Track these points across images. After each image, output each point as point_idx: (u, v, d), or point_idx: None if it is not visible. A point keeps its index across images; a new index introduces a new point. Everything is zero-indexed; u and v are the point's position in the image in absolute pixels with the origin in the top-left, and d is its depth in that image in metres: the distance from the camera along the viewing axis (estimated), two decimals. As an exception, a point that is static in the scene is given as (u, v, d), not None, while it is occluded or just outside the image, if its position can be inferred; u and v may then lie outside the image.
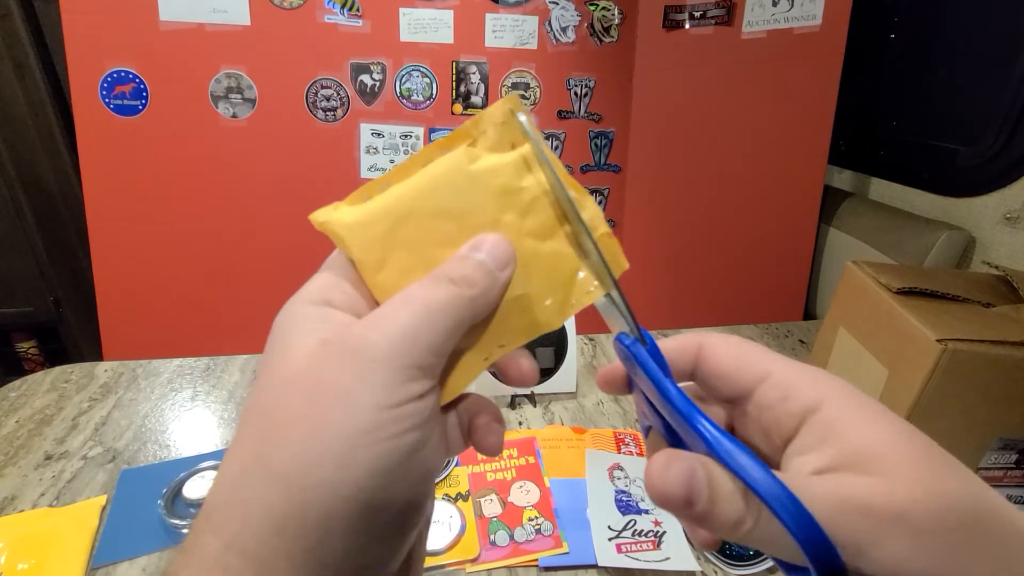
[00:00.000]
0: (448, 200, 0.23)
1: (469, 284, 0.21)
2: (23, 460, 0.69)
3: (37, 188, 1.54)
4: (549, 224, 0.23)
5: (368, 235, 0.23)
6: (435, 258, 0.22)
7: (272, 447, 0.19)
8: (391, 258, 0.23)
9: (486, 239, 0.22)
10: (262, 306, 1.46)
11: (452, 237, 0.23)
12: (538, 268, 0.23)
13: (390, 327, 0.20)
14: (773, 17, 1.21)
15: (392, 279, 0.23)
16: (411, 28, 1.26)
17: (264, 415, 0.20)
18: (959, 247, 0.99)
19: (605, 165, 1.38)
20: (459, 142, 0.24)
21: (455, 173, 0.23)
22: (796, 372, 0.22)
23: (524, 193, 0.23)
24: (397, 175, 0.24)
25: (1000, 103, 0.92)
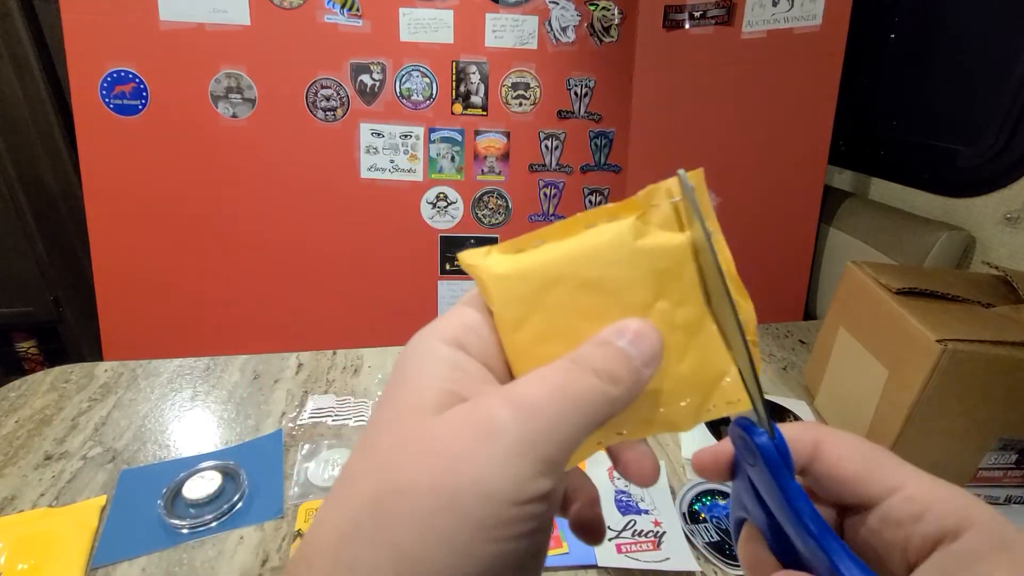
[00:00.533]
0: (603, 272, 0.21)
1: (613, 381, 0.19)
2: (23, 460, 0.69)
3: (37, 188, 1.54)
4: (701, 319, 0.22)
5: (513, 291, 0.21)
6: (576, 331, 0.21)
7: (392, 515, 0.17)
8: (531, 320, 0.21)
9: (635, 328, 0.20)
10: (262, 306, 1.47)
11: (599, 312, 0.21)
12: (681, 364, 0.21)
13: (530, 416, 0.18)
14: (773, 17, 1.21)
15: (527, 342, 0.21)
16: (411, 28, 1.26)
17: (387, 470, 0.18)
18: (959, 247, 0.99)
19: (605, 165, 1.38)
20: (628, 212, 0.22)
21: (618, 246, 0.21)
22: (934, 489, 0.20)
23: (684, 282, 0.21)
24: (555, 233, 0.22)
25: (1000, 103, 0.92)
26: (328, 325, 1.36)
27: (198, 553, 0.58)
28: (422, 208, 1.36)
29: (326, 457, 0.69)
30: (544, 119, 1.34)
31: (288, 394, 0.82)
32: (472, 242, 1.38)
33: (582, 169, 1.38)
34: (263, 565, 0.56)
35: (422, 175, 1.34)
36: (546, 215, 1.39)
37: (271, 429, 0.75)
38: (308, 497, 0.64)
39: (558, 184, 1.38)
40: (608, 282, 0.21)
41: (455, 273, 1.39)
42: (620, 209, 0.22)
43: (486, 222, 1.38)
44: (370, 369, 0.89)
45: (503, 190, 1.37)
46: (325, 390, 0.83)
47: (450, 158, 1.34)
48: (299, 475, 0.67)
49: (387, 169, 1.33)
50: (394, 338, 1.14)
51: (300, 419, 0.76)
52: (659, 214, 0.22)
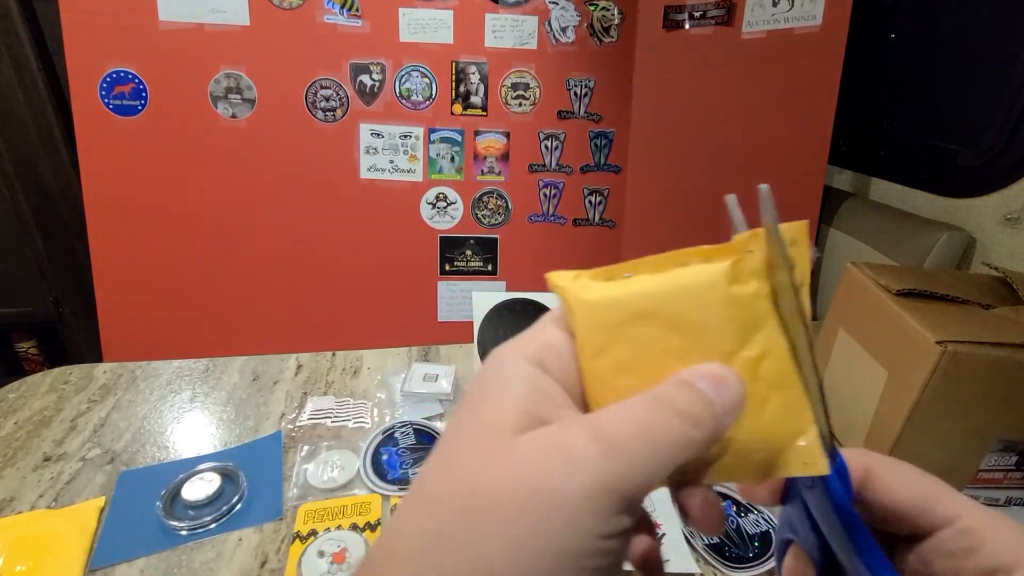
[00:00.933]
0: (692, 313, 0.21)
1: (695, 424, 0.19)
2: (21, 461, 0.69)
3: (37, 188, 1.54)
4: (785, 375, 0.21)
5: (599, 319, 0.22)
6: (656, 367, 0.21)
7: (481, 530, 0.18)
8: (612, 350, 0.21)
9: (718, 373, 0.20)
10: (261, 307, 1.47)
11: (682, 352, 0.21)
12: (758, 418, 0.21)
13: (615, 454, 0.18)
14: (773, 17, 1.20)
15: (606, 370, 0.22)
16: (411, 28, 1.26)
17: (473, 485, 0.19)
18: (959, 248, 0.99)
19: (605, 165, 1.38)
20: (723, 256, 0.22)
21: (710, 288, 0.21)
22: (990, 522, 0.20)
23: (769, 333, 0.21)
24: (646, 267, 0.22)
25: (1000, 104, 0.92)
26: (327, 326, 1.36)
27: (197, 555, 0.58)
28: (422, 208, 1.36)
29: (325, 458, 0.69)
30: (544, 119, 1.34)
31: (287, 395, 0.82)
32: (472, 242, 1.38)
33: (582, 169, 1.38)
34: (262, 567, 0.56)
35: (422, 175, 1.34)
36: (546, 215, 1.39)
37: (270, 430, 0.75)
38: (307, 499, 0.64)
39: (558, 184, 1.38)
40: (695, 323, 0.21)
41: (455, 274, 1.39)
42: (715, 252, 0.22)
43: (486, 222, 1.38)
44: (369, 370, 0.89)
45: (503, 190, 1.37)
46: (324, 391, 0.83)
47: (450, 158, 1.34)
48: (298, 476, 0.67)
49: (387, 169, 1.33)
50: (394, 339, 1.14)
51: (299, 420, 0.76)
52: (753, 261, 0.22)
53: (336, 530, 0.60)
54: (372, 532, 0.60)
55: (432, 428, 0.75)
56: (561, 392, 0.21)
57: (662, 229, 1.38)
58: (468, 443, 0.20)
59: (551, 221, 1.40)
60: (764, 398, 0.21)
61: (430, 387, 0.82)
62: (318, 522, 0.61)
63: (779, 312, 0.21)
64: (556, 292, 0.23)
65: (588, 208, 1.40)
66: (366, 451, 0.70)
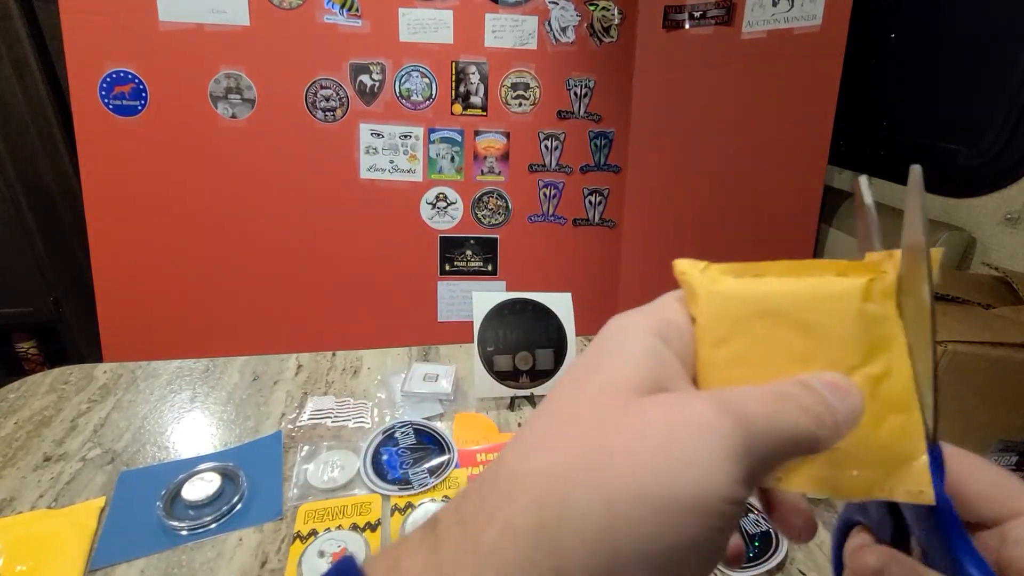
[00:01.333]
0: (821, 321, 0.21)
1: (819, 424, 0.20)
2: (22, 461, 0.69)
3: (37, 188, 1.54)
4: (905, 399, 0.21)
5: (723, 309, 0.22)
6: (772, 366, 0.21)
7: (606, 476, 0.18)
8: (733, 341, 0.22)
9: (840, 383, 0.20)
10: (262, 307, 1.47)
11: (803, 357, 0.21)
12: (869, 436, 0.21)
13: (745, 428, 0.19)
14: (773, 17, 1.20)
15: (722, 360, 0.22)
16: (410, 28, 1.26)
17: (600, 436, 0.19)
18: (959, 247, 0.99)
19: (605, 165, 1.38)
20: (859, 273, 0.22)
21: (844, 301, 0.21)
22: None
23: (894, 355, 0.21)
24: (778, 271, 0.23)
25: (1000, 104, 0.92)
26: (327, 326, 1.36)
27: (197, 555, 0.58)
28: (422, 208, 1.36)
29: (325, 458, 0.69)
30: (544, 119, 1.34)
31: (287, 395, 0.82)
32: (472, 242, 1.38)
33: (582, 169, 1.38)
34: (262, 567, 0.56)
35: (422, 175, 1.34)
36: (546, 215, 1.39)
37: (270, 430, 0.75)
38: (307, 499, 0.64)
39: (558, 184, 1.38)
40: (823, 332, 0.21)
41: (455, 273, 1.39)
42: (850, 268, 0.22)
43: (486, 222, 1.38)
44: (369, 370, 0.89)
45: (503, 190, 1.37)
46: (324, 391, 0.83)
47: (450, 158, 1.34)
48: (298, 476, 0.67)
49: (387, 169, 1.33)
50: (394, 339, 1.14)
51: (299, 420, 0.76)
52: (888, 282, 0.22)
53: (336, 530, 0.60)
54: (372, 532, 0.60)
55: (432, 428, 0.75)
56: (680, 367, 0.22)
57: (662, 229, 1.38)
58: (591, 399, 0.20)
59: (551, 221, 1.40)
60: (880, 417, 0.21)
61: (430, 387, 0.82)
62: (318, 522, 0.61)
63: (907, 335, 0.21)
64: (682, 279, 0.23)
65: (588, 208, 1.40)
66: (366, 451, 0.70)
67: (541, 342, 0.83)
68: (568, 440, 0.19)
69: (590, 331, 1.08)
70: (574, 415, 0.20)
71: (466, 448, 0.72)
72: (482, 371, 0.81)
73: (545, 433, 0.20)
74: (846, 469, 0.22)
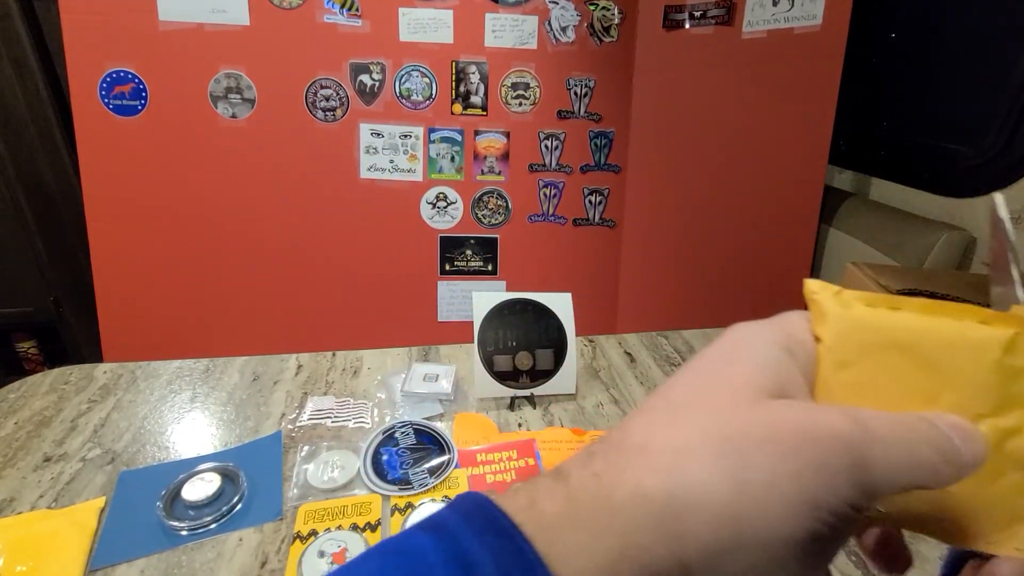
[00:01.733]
0: (955, 364, 0.21)
1: (945, 460, 0.20)
2: (22, 462, 0.69)
3: (37, 188, 1.54)
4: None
5: (852, 335, 0.23)
6: (894, 399, 0.22)
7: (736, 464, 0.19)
8: (857, 367, 0.22)
9: (966, 427, 0.20)
10: (262, 306, 1.46)
11: (928, 396, 0.21)
12: (985, 487, 0.21)
13: (874, 446, 0.19)
14: (773, 17, 1.20)
15: (841, 384, 0.22)
16: (411, 28, 1.26)
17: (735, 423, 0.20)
18: (959, 247, 0.99)
19: (605, 165, 1.38)
20: (1003, 324, 0.22)
21: (983, 350, 0.21)
22: None
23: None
24: (914, 307, 0.23)
25: (1001, 103, 0.92)
26: (327, 326, 1.36)
27: (197, 555, 0.58)
28: (422, 208, 1.36)
29: (325, 459, 0.69)
30: (544, 119, 1.34)
31: (287, 395, 0.82)
32: (472, 242, 1.38)
33: (582, 169, 1.38)
34: (262, 567, 0.56)
35: (422, 175, 1.34)
36: (546, 215, 1.39)
37: (270, 431, 0.75)
38: (307, 499, 0.64)
39: (558, 184, 1.38)
40: (954, 375, 0.21)
41: (455, 273, 1.39)
42: (994, 318, 0.22)
43: (486, 222, 1.38)
44: (369, 370, 0.89)
45: (503, 190, 1.37)
46: (324, 391, 0.83)
47: (450, 158, 1.34)
48: (298, 477, 0.67)
49: (387, 169, 1.33)
50: (394, 339, 1.14)
51: (299, 421, 0.76)
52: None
53: (336, 530, 0.60)
54: (372, 532, 0.60)
55: (432, 428, 0.75)
56: (802, 381, 0.22)
57: (662, 229, 1.38)
58: (720, 389, 0.21)
59: (551, 221, 1.40)
60: (1000, 471, 0.21)
61: (430, 387, 0.82)
62: (318, 522, 0.61)
63: None
64: (811, 298, 0.24)
65: (588, 208, 1.40)
66: (366, 451, 0.70)
67: (541, 342, 0.83)
68: (696, 424, 0.20)
69: (590, 331, 1.08)
70: (701, 403, 0.21)
71: (466, 448, 0.72)
72: (482, 371, 0.81)
73: (670, 415, 0.21)
74: (952, 514, 0.22)
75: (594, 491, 0.20)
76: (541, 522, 0.20)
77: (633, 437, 0.21)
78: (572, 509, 0.20)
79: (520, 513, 0.20)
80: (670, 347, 0.98)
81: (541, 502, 0.20)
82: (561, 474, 0.21)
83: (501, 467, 0.69)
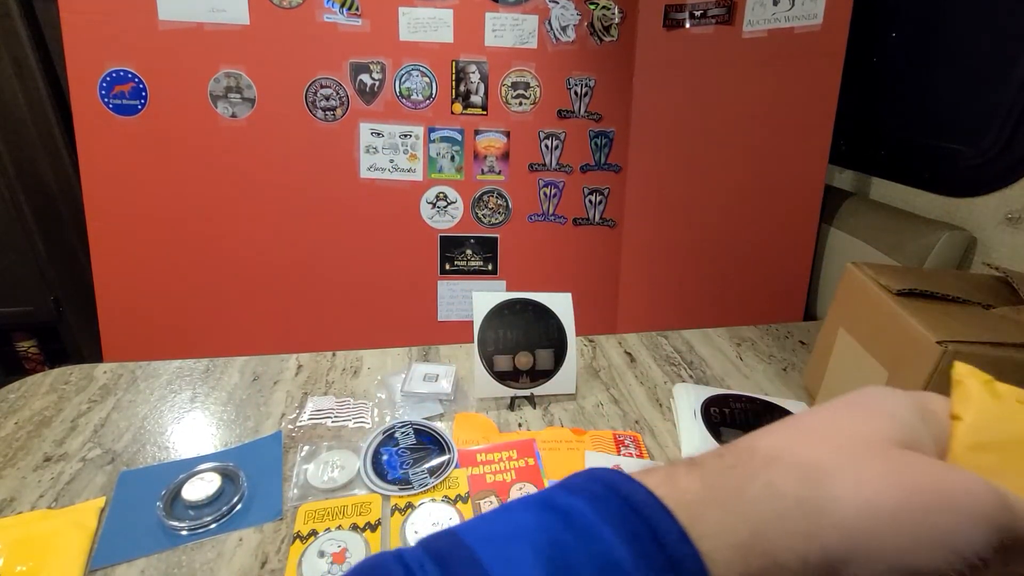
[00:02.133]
0: None
1: None
2: (22, 462, 0.69)
3: (37, 188, 1.54)
4: None
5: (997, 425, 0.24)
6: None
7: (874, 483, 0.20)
8: (990, 452, 0.23)
9: None
10: (261, 307, 1.47)
11: None
12: None
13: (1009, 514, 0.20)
14: (774, 16, 1.20)
15: (972, 464, 0.23)
16: (411, 27, 1.26)
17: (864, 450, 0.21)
18: (960, 247, 0.99)
19: (605, 165, 1.38)
20: None
21: None
22: None
23: None
24: None
25: (1002, 103, 0.92)
26: (327, 326, 1.36)
27: (197, 555, 0.58)
28: (422, 208, 1.36)
29: (325, 459, 0.69)
30: (544, 119, 1.34)
31: (287, 395, 0.82)
32: (472, 241, 1.38)
33: (582, 169, 1.37)
34: (262, 567, 0.56)
35: (422, 175, 1.34)
36: (546, 215, 1.39)
37: (270, 431, 0.75)
38: (307, 499, 0.64)
39: (558, 184, 1.38)
40: None
41: (455, 273, 1.39)
42: None
43: (486, 222, 1.38)
44: (369, 370, 0.89)
45: (503, 190, 1.37)
46: (324, 391, 0.83)
47: (450, 158, 1.34)
48: (298, 477, 0.67)
49: (387, 169, 1.32)
50: (394, 339, 1.14)
51: (299, 421, 0.76)
52: None
53: (336, 530, 0.60)
54: (372, 532, 0.60)
55: (432, 428, 0.75)
56: (932, 447, 0.24)
57: (662, 228, 1.38)
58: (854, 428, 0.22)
59: (551, 220, 1.40)
60: None
61: (430, 387, 0.82)
62: (318, 522, 0.61)
63: None
64: (961, 380, 0.25)
65: (588, 207, 1.40)
66: (366, 451, 0.70)
67: (541, 342, 0.83)
68: (829, 445, 0.22)
69: (590, 331, 1.08)
70: (835, 431, 0.22)
71: (466, 448, 0.72)
72: (482, 371, 0.81)
73: (803, 436, 0.22)
74: None
75: (729, 481, 0.21)
76: (682, 498, 0.21)
77: (763, 450, 0.22)
78: (709, 492, 0.21)
79: (660, 487, 0.21)
80: (670, 347, 0.98)
81: (680, 480, 0.22)
82: (695, 462, 0.23)
83: (501, 467, 0.69)
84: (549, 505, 0.22)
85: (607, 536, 0.20)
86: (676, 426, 0.77)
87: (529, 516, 0.22)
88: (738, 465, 0.22)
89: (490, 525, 0.22)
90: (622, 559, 0.19)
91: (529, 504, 0.22)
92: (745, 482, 0.21)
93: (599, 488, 0.22)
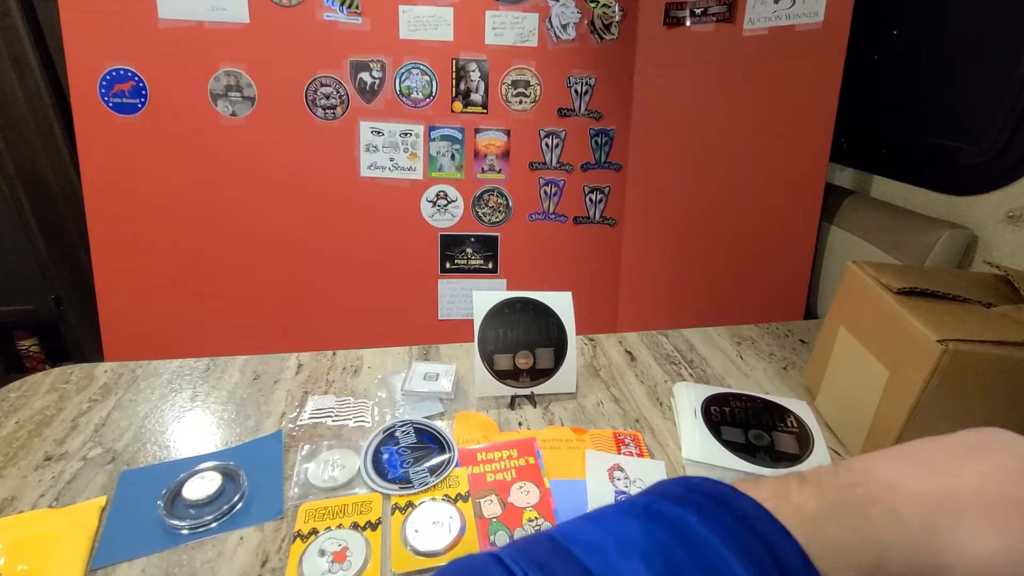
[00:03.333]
0: None
1: None
2: (23, 461, 0.69)
3: (37, 187, 1.54)
4: None
5: None
6: None
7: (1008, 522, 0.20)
8: None
9: None
10: (262, 306, 1.47)
11: None
12: None
13: None
14: (775, 14, 1.20)
15: None
16: (411, 25, 1.26)
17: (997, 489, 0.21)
18: (961, 246, 0.99)
19: (605, 163, 1.38)
20: None
21: None
22: None
23: None
24: None
25: (1003, 100, 0.91)
26: (328, 325, 1.36)
27: (198, 554, 0.58)
28: (422, 206, 1.36)
29: (326, 458, 0.69)
30: (544, 117, 1.34)
31: (288, 395, 0.82)
32: (472, 240, 1.38)
33: (583, 167, 1.37)
34: (263, 566, 0.57)
35: (422, 173, 1.34)
36: (546, 213, 1.39)
37: (271, 430, 0.75)
38: (308, 498, 0.64)
39: (558, 182, 1.38)
40: None
41: (455, 272, 1.39)
42: None
43: (486, 220, 1.38)
44: (370, 369, 0.89)
45: (503, 188, 1.37)
46: (325, 391, 0.83)
47: (450, 156, 1.34)
48: (299, 476, 0.67)
49: (387, 167, 1.32)
50: (394, 337, 1.14)
51: (300, 420, 0.76)
52: None
53: (337, 529, 0.60)
54: (373, 531, 0.60)
55: (432, 427, 0.75)
56: None
57: (663, 226, 1.38)
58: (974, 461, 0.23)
59: (552, 219, 1.39)
60: None
61: (431, 386, 0.82)
62: (319, 521, 0.61)
63: None
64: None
65: (589, 206, 1.40)
66: (367, 450, 0.70)
67: (541, 341, 0.83)
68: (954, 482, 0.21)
69: (590, 330, 1.08)
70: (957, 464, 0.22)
71: (466, 447, 0.72)
72: (482, 370, 0.81)
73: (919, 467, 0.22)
74: None
75: (850, 501, 0.21)
76: (796, 515, 0.20)
77: (881, 473, 0.22)
78: (828, 511, 0.20)
79: (770, 501, 0.21)
80: (670, 346, 0.98)
81: (793, 496, 0.21)
82: (806, 478, 0.22)
83: (501, 466, 0.69)
84: (654, 515, 0.21)
85: (724, 555, 0.19)
86: (676, 425, 0.77)
87: (634, 525, 0.21)
88: (859, 485, 0.21)
89: (590, 533, 0.21)
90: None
91: (628, 511, 0.22)
92: (868, 504, 0.21)
93: (704, 500, 0.21)
